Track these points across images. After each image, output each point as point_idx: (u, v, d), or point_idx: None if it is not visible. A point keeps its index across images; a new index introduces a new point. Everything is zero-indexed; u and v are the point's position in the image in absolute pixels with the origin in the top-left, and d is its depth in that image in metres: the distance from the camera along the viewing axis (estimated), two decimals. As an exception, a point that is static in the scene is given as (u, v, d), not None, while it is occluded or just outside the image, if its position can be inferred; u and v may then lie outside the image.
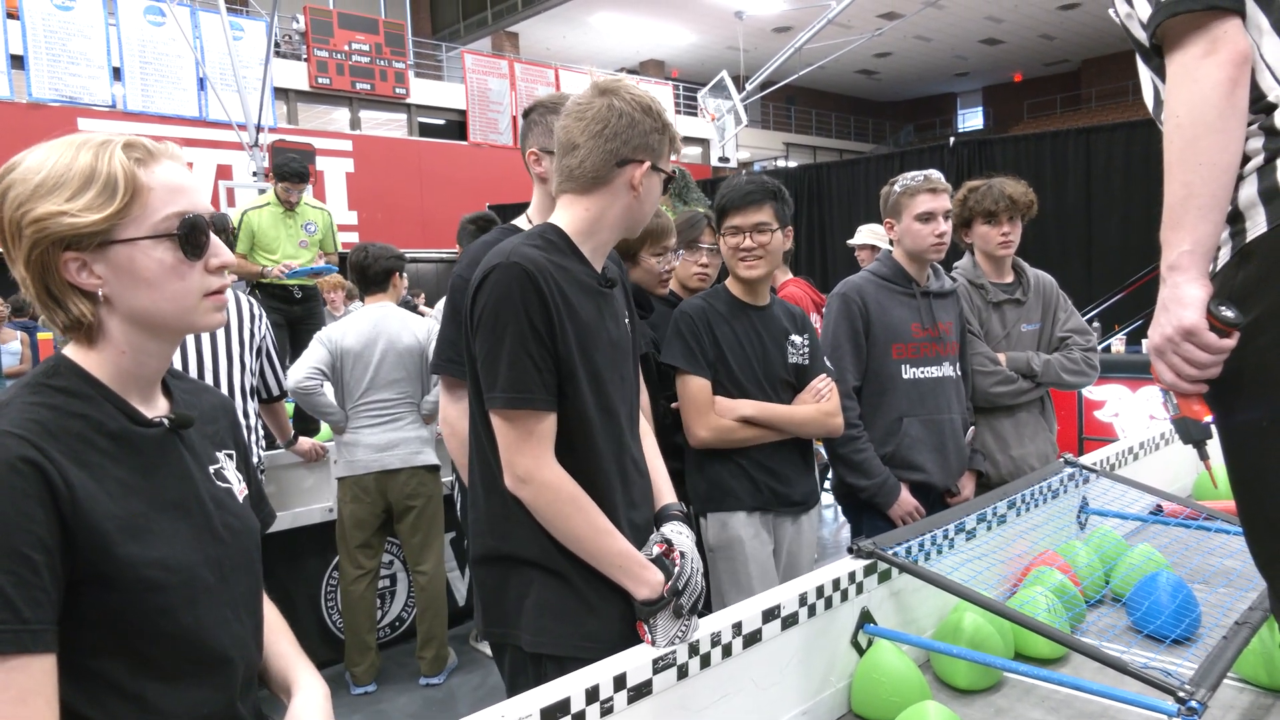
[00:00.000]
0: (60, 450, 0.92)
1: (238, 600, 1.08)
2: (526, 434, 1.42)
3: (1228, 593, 1.78)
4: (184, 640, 0.99)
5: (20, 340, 7.03)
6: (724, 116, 13.64)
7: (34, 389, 0.97)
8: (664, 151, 1.53)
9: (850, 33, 15.66)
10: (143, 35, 13.64)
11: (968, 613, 1.56)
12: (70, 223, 0.94)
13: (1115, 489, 2.22)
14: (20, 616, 0.86)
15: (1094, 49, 25.00)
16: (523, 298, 1.40)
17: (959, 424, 2.57)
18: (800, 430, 2.28)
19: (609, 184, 1.50)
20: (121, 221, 0.97)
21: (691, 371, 2.21)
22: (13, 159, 0.98)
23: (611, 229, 1.55)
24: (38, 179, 0.95)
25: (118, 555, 0.93)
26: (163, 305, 1.01)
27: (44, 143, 1.00)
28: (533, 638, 1.47)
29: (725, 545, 2.23)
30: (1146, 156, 8.00)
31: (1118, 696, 1.24)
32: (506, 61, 18.44)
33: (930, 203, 2.50)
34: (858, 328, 2.52)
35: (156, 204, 0.99)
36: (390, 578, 4.09)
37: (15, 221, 0.95)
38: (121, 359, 1.01)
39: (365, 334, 3.49)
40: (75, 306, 0.97)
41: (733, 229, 2.25)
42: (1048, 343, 2.83)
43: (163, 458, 1.03)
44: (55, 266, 0.96)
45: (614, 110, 1.47)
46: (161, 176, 1.00)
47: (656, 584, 1.39)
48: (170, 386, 1.11)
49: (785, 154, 25.61)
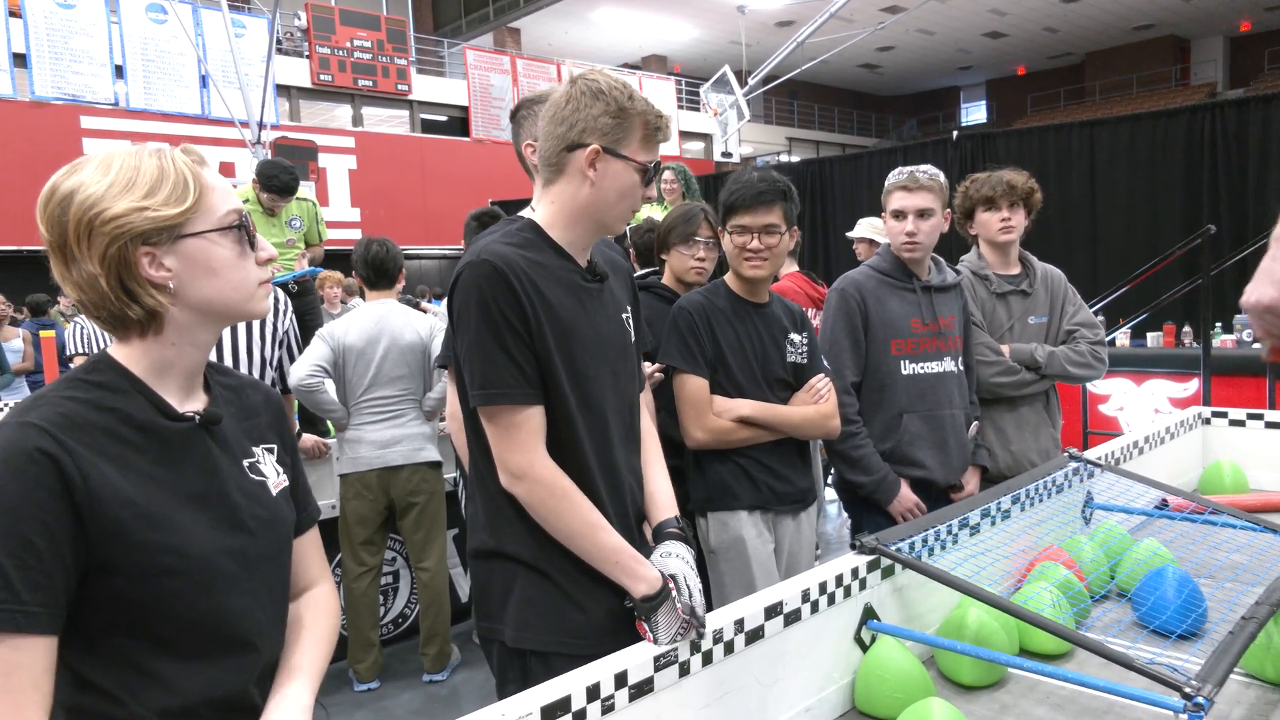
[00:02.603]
0: (82, 442, 0.98)
1: (261, 589, 1.12)
2: (512, 429, 1.42)
3: (1234, 587, 1.76)
4: (201, 624, 1.04)
5: (22, 338, 7.04)
6: (726, 111, 13.62)
7: (70, 384, 1.03)
8: (624, 136, 1.47)
9: (853, 27, 15.62)
10: (145, 33, 13.65)
11: (972, 609, 1.55)
12: (153, 216, 1.02)
13: (1120, 483, 2.21)
14: (18, 597, 0.91)
15: (1098, 42, 24.90)
16: (493, 294, 1.40)
17: (961, 419, 2.54)
18: (797, 431, 2.26)
19: (564, 171, 1.49)
20: (193, 216, 1.05)
21: (689, 371, 2.18)
22: (65, 169, 1.04)
23: (581, 220, 1.51)
24: (107, 181, 1.01)
25: (132, 541, 0.99)
26: (228, 293, 1.09)
27: (89, 155, 1.06)
28: (515, 633, 1.48)
29: (727, 545, 2.21)
30: (1150, 150, 7.97)
31: (1123, 692, 1.23)
32: (508, 57, 18.43)
33: (902, 200, 2.48)
34: (856, 324, 2.51)
35: (217, 201, 1.08)
36: (393, 574, 4.09)
37: (87, 222, 1.00)
38: (168, 351, 1.08)
39: (368, 331, 3.48)
40: (151, 298, 1.04)
41: (740, 228, 2.20)
42: (1055, 336, 2.80)
43: (188, 451, 1.08)
44: (133, 261, 1.02)
45: (565, 96, 1.47)
46: (214, 178, 1.09)
47: (654, 580, 1.39)
48: (210, 382, 1.16)
49: (788, 149, 25.57)
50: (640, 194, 1.54)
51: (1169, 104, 14.58)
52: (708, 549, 2.24)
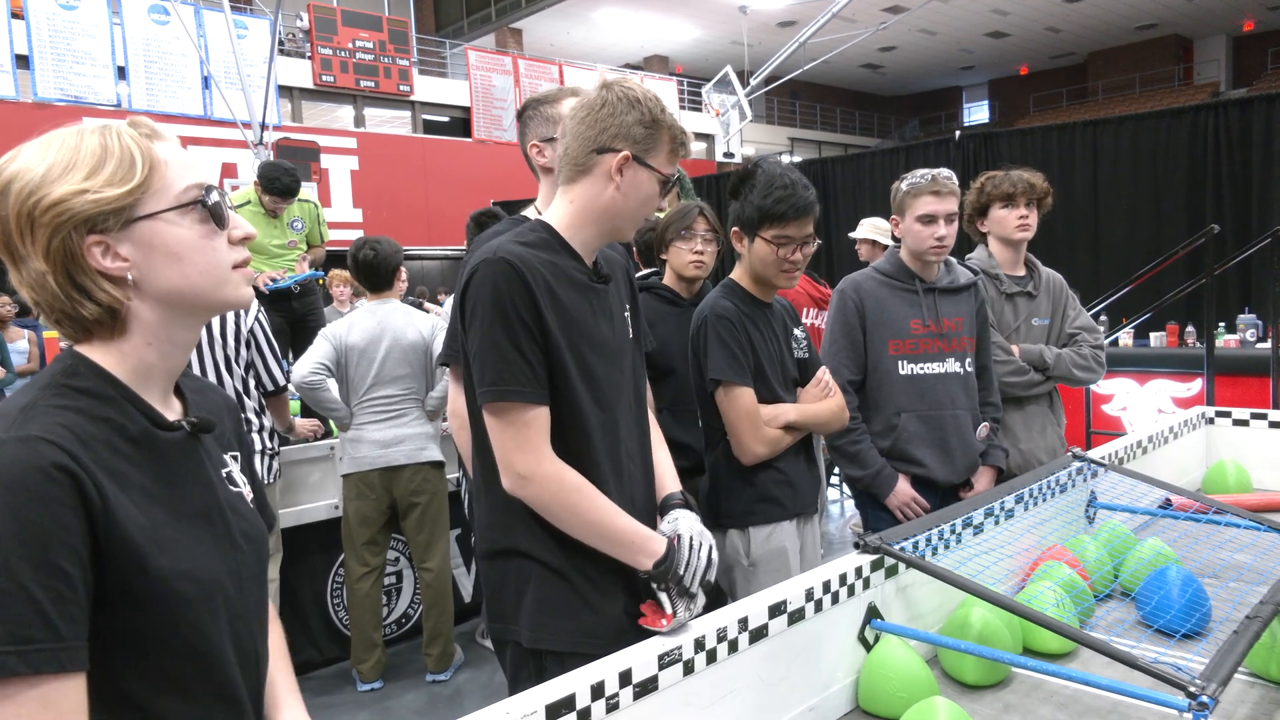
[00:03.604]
0: (91, 458, 0.86)
1: (250, 611, 1.03)
2: (520, 427, 1.42)
3: (1238, 587, 1.76)
4: (209, 656, 0.95)
5: (28, 339, 7.05)
6: (728, 112, 13.62)
7: (55, 390, 0.90)
8: (653, 147, 1.50)
9: (855, 26, 15.62)
10: (147, 34, 13.66)
11: (975, 608, 1.55)
12: (93, 199, 0.89)
13: (1124, 483, 2.20)
14: (58, 634, 0.80)
15: (1101, 41, 24.88)
16: (509, 292, 1.40)
17: (966, 420, 2.53)
18: (825, 427, 2.23)
19: (589, 173, 1.51)
20: (144, 196, 0.92)
21: (740, 382, 2.08)
22: (7, 155, 0.93)
23: (598, 223, 1.53)
24: (44, 165, 0.90)
25: (149, 569, 0.88)
26: (196, 280, 0.96)
27: (32, 140, 0.94)
28: (531, 634, 1.47)
29: (771, 557, 2.12)
30: (1153, 149, 7.96)
31: (1127, 692, 1.23)
32: (510, 58, 18.42)
33: (933, 205, 2.47)
34: (853, 324, 2.53)
35: (174, 176, 0.95)
36: (396, 575, 4.10)
37: (26, 213, 0.89)
38: (146, 352, 0.96)
39: (370, 330, 3.49)
40: (106, 293, 0.91)
41: (785, 239, 2.09)
42: (1056, 339, 2.84)
43: (185, 463, 0.98)
44: (80, 252, 0.90)
45: (601, 100, 1.49)
46: (171, 151, 0.97)
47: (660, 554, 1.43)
48: (181, 386, 1.06)
49: (790, 149, 25.56)
50: (656, 204, 1.56)
51: (1172, 104, 14.56)
52: (746, 562, 2.14)
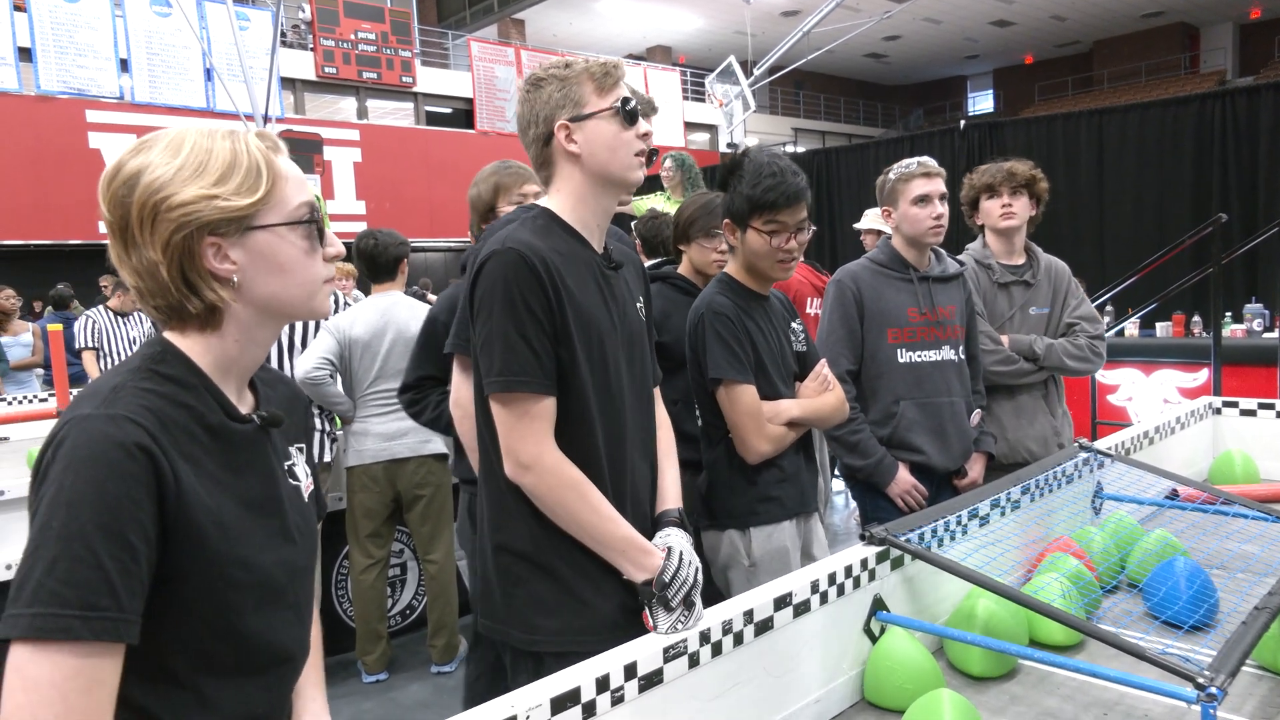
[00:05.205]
0: (169, 440, 0.91)
1: (299, 601, 1.07)
2: (526, 417, 1.41)
3: (1246, 578, 1.76)
4: (250, 639, 0.99)
5: (32, 332, 7.06)
6: (732, 102, 13.56)
7: (144, 374, 0.95)
8: (578, 98, 1.48)
9: (859, 16, 15.53)
10: (149, 26, 13.65)
11: (981, 599, 1.55)
12: (221, 205, 0.94)
13: (1130, 474, 2.20)
14: (120, 604, 0.84)
15: (1106, 29, 24.73)
16: (518, 282, 1.40)
17: (961, 407, 2.54)
18: (827, 421, 2.21)
19: (553, 163, 1.52)
20: (264, 208, 0.98)
21: (742, 380, 2.04)
22: (133, 146, 0.96)
23: (590, 193, 1.52)
24: (176, 164, 0.94)
25: (208, 550, 0.93)
26: (293, 290, 1.01)
27: (159, 132, 0.98)
28: (525, 636, 1.47)
29: (771, 557, 2.09)
30: (1159, 138, 7.92)
31: (1135, 683, 1.22)
32: (513, 49, 18.39)
33: (925, 186, 2.50)
34: (851, 313, 2.53)
35: (290, 192, 1.00)
36: (400, 567, 4.10)
37: (152, 206, 0.93)
38: (231, 347, 1.01)
39: (373, 323, 3.48)
40: (213, 292, 0.97)
41: (778, 226, 2.03)
42: (1055, 328, 2.82)
43: (252, 456, 1.02)
44: (197, 251, 0.95)
45: (522, 99, 1.52)
46: (288, 167, 1.02)
47: (655, 569, 1.40)
48: (254, 378, 1.09)
49: (794, 139, 25.48)
50: (631, 136, 1.50)
51: (1178, 92, 14.48)
52: (747, 562, 2.10)
